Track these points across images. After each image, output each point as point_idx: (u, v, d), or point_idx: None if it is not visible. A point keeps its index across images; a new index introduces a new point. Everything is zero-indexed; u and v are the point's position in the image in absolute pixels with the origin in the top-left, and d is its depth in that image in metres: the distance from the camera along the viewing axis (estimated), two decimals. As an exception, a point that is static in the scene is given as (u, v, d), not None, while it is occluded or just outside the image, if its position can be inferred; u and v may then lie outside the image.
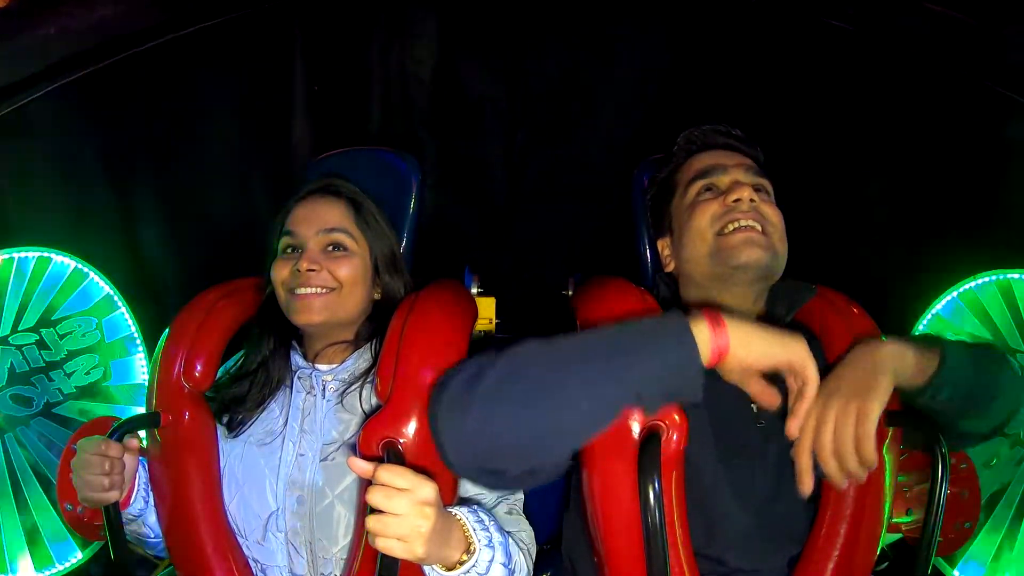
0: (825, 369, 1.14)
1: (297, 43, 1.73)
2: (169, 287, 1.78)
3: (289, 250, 1.18)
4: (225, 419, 1.19)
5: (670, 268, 1.23)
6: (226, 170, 1.78)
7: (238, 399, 1.19)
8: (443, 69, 1.78)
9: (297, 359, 1.22)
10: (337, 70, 1.77)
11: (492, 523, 0.99)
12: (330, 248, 1.17)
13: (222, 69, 1.68)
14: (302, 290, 1.14)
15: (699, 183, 1.15)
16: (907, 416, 1.10)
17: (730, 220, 1.09)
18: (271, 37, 1.70)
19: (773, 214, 1.12)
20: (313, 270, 1.14)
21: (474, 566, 0.93)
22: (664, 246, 1.25)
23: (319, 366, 1.20)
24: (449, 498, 1.06)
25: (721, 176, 1.14)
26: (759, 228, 1.08)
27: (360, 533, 1.07)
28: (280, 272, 1.17)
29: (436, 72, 1.78)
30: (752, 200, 1.09)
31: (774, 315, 1.18)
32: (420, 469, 0.92)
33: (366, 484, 0.89)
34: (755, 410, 1.09)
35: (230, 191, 1.79)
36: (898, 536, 1.33)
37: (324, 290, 1.15)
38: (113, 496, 1.07)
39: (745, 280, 1.10)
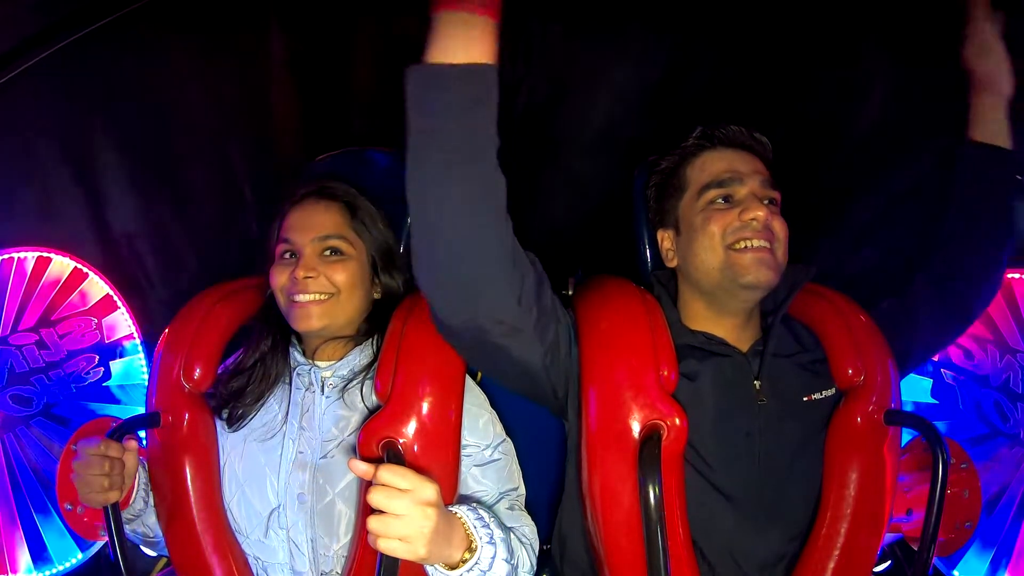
0: (826, 364, 1.15)
1: (277, 29, 1.69)
2: (169, 287, 1.78)
3: (287, 255, 1.18)
4: (225, 414, 1.19)
5: (672, 264, 1.22)
6: (226, 170, 1.78)
7: (237, 393, 1.19)
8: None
9: (296, 355, 1.22)
10: (320, 58, 1.74)
11: (493, 520, 0.99)
12: (326, 253, 1.17)
13: (213, 65, 1.67)
14: (300, 297, 1.14)
15: (714, 192, 1.15)
16: (907, 416, 1.10)
17: (743, 237, 1.10)
18: (253, 25, 1.66)
19: (780, 229, 1.13)
20: (310, 277, 1.14)
21: (476, 563, 0.93)
22: (665, 238, 1.23)
23: (318, 363, 1.20)
24: (449, 497, 1.06)
25: (738, 187, 1.14)
26: (769, 247, 1.10)
27: (361, 531, 1.07)
28: (278, 278, 1.17)
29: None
30: (767, 218, 1.10)
31: (776, 298, 1.19)
32: (420, 469, 0.92)
33: (367, 484, 0.89)
34: (757, 387, 1.11)
35: (230, 190, 1.78)
36: (898, 536, 1.33)
37: (323, 296, 1.15)
38: (113, 496, 1.08)
39: (750, 296, 1.14)
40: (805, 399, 1.13)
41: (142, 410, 1.22)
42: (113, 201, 1.73)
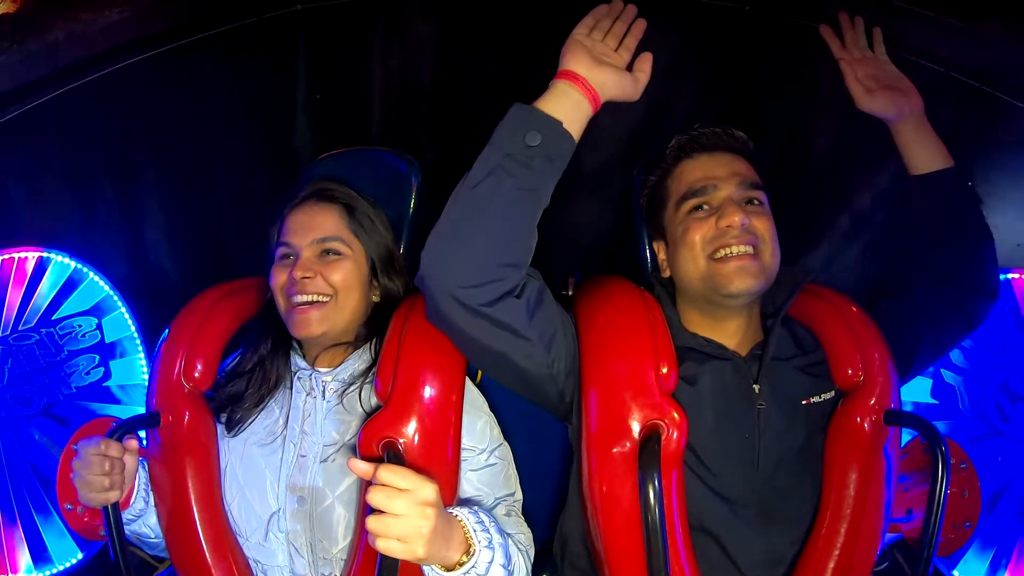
0: (825, 366, 1.15)
1: (300, 48, 1.73)
2: (169, 287, 1.78)
3: (286, 257, 1.19)
4: (224, 418, 1.19)
5: (666, 274, 1.23)
6: (227, 171, 1.78)
7: (236, 397, 1.19)
8: (443, 71, 1.77)
9: (297, 360, 1.22)
10: (338, 74, 1.77)
11: (492, 524, 0.99)
12: (325, 254, 1.18)
13: (225, 73, 1.69)
14: (299, 298, 1.14)
15: (691, 201, 1.14)
16: (907, 416, 1.10)
17: (722, 244, 1.09)
18: (274, 42, 1.70)
19: (765, 228, 1.11)
20: (308, 277, 1.14)
21: (473, 567, 0.93)
22: (660, 250, 1.25)
23: (319, 368, 1.20)
24: (449, 499, 1.06)
25: (713, 193, 1.13)
26: (751, 251, 1.09)
27: (360, 534, 1.07)
28: (278, 278, 1.17)
29: (436, 74, 1.78)
30: (744, 222, 1.09)
31: (776, 300, 1.19)
32: (419, 469, 0.92)
33: (367, 484, 0.89)
34: (756, 391, 1.11)
35: (230, 191, 1.79)
36: (898, 536, 1.33)
37: (323, 298, 1.15)
38: (113, 496, 1.08)
39: (736, 303, 1.13)
40: (804, 402, 1.13)
41: (142, 410, 1.22)
42: (114, 201, 1.73)
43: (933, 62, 1.41)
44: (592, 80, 1.00)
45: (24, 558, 1.60)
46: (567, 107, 0.99)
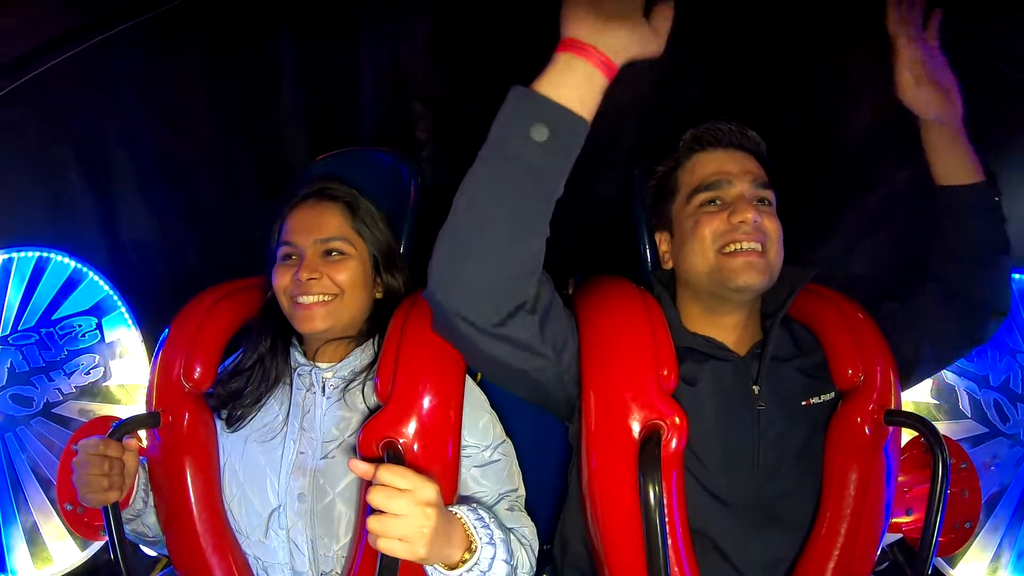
0: (825, 368, 1.15)
1: (285, 33, 1.70)
2: (169, 287, 1.78)
3: (289, 257, 1.19)
4: (224, 414, 1.19)
5: (668, 266, 1.23)
6: (229, 170, 1.78)
7: (236, 394, 1.19)
8: (437, 67, 1.76)
9: (297, 356, 1.22)
10: (327, 62, 1.74)
11: (493, 520, 0.99)
12: (329, 253, 1.18)
13: (215, 65, 1.67)
14: (304, 299, 1.14)
15: (703, 195, 1.14)
16: (907, 416, 1.10)
17: (733, 240, 1.10)
18: (258, 27, 1.67)
19: (773, 228, 1.12)
20: (313, 278, 1.14)
21: (476, 564, 0.93)
22: (662, 240, 1.25)
23: (319, 363, 1.20)
24: (449, 497, 1.06)
25: (727, 189, 1.13)
26: (759, 248, 1.09)
27: (361, 532, 1.07)
28: (281, 279, 1.17)
29: (430, 69, 1.76)
30: (756, 219, 1.10)
31: (776, 299, 1.18)
32: (420, 469, 0.92)
33: (367, 484, 0.89)
34: (755, 392, 1.11)
35: (232, 190, 1.78)
36: (898, 536, 1.33)
37: (327, 297, 1.15)
38: (113, 496, 1.08)
39: (740, 299, 1.14)
40: (804, 403, 1.13)
41: (142, 410, 1.22)
42: (113, 200, 1.73)
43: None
44: (601, 45, 0.84)
45: (24, 558, 1.60)
46: (574, 83, 0.84)
